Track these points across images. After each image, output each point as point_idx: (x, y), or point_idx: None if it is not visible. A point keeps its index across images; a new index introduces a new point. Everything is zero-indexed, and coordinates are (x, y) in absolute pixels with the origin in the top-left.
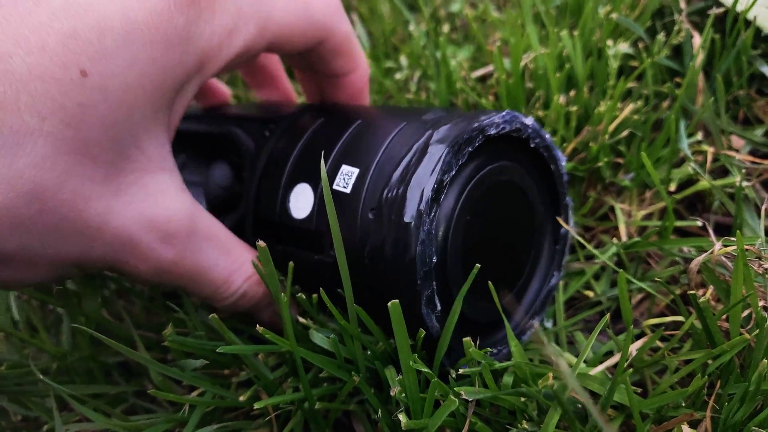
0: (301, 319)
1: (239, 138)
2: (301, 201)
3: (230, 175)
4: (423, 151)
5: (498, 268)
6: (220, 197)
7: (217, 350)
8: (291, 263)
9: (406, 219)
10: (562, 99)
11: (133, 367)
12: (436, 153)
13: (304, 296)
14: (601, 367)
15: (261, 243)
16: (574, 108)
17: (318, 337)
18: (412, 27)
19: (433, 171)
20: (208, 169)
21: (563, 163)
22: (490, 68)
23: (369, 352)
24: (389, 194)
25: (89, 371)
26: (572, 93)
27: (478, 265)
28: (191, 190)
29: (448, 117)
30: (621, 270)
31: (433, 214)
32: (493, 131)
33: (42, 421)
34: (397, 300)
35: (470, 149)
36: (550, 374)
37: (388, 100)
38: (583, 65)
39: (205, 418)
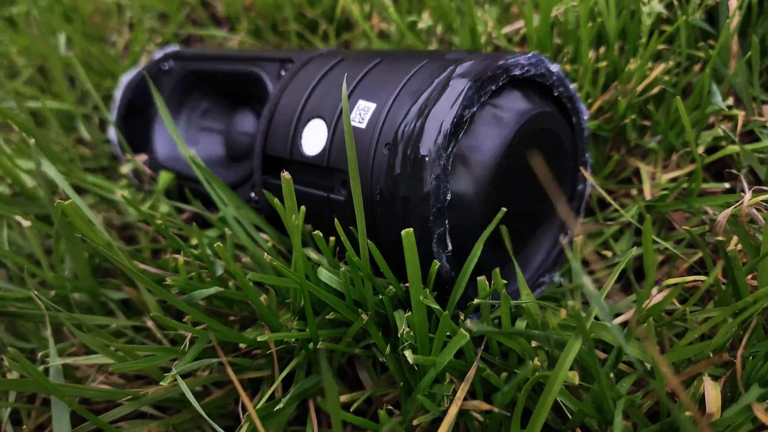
0: (313, 256)
1: (262, 79)
2: (314, 137)
3: (252, 122)
4: (444, 85)
5: (513, 217)
6: (241, 143)
7: (250, 276)
8: (303, 207)
9: (422, 152)
10: (591, 54)
11: (134, 304)
12: (458, 86)
13: (321, 235)
14: (616, 321)
15: (286, 174)
16: (603, 64)
17: (326, 275)
18: None
19: (453, 104)
20: (230, 116)
21: (585, 116)
22: (516, 25)
23: (380, 296)
24: (406, 128)
25: (89, 307)
26: (602, 50)
27: (503, 208)
28: (210, 137)
29: (472, 55)
30: (648, 215)
31: (450, 149)
32: (517, 72)
33: (36, 353)
34: (411, 229)
35: (493, 87)
36: (563, 311)
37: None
38: (616, 21)
39: (204, 354)
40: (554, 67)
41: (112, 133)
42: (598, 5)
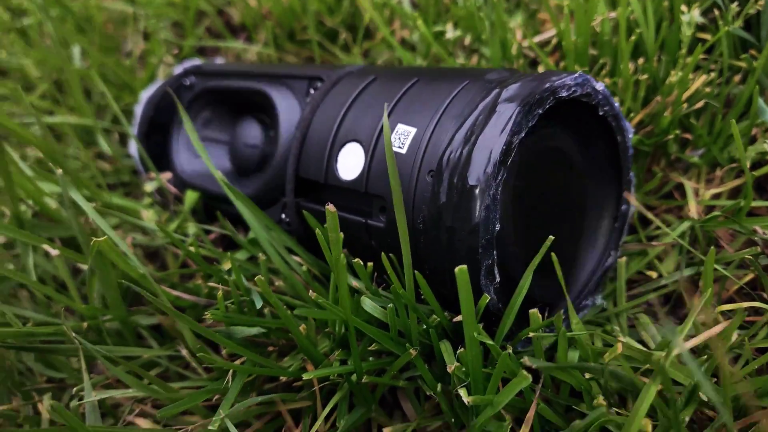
0: (354, 283)
1: (271, 96)
2: (350, 161)
3: (259, 134)
4: (491, 110)
5: (554, 241)
6: (247, 156)
7: (297, 312)
8: (341, 234)
9: (471, 182)
10: (630, 66)
11: (166, 330)
12: (506, 112)
13: (361, 263)
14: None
15: (330, 207)
16: (643, 77)
17: (370, 306)
18: None
19: (503, 131)
20: (234, 127)
21: (630, 135)
22: (547, 35)
23: (424, 326)
24: (451, 155)
25: (119, 333)
26: (640, 61)
27: (551, 237)
28: (214, 149)
29: (515, 76)
30: (712, 248)
31: (500, 178)
32: (564, 93)
33: (67, 383)
34: (464, 266)
35: (540, 111)
36: (619, 345)
37: (437, 65)
38: (655, 32)
39: (245, 388)
40: (600, 86)
41: (133, 148)
42: (635, 13)
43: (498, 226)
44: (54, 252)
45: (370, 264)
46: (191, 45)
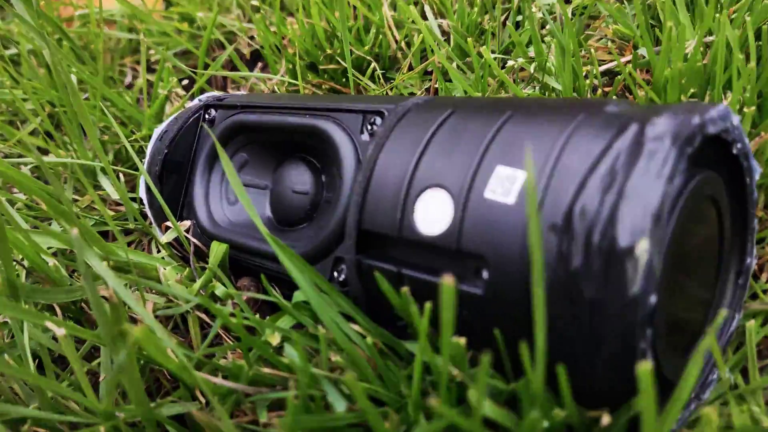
0: (454, 372)
1: (330, 134)
2: (432, 211)
3: (308, 179)
4: (635, 150)
5: (690, 305)
6: (294, 204)
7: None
8: (428, 304)
9: (623, 242)
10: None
11: (191, 421)
12: (659, 152)
13: (461, 343)
14: None
15: (449, 279)
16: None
17: (493, 410)
18: (534, 8)
19: (659, 176)
20: (277, 171)
21: (757, 176)
22: (608, 66)
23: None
24: (586, 207)
25: (137, 426)
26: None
27: (725, 310)
28: (251, 195)
29: (649, 109)
30: None
31: (659, 235)
32: (712, 129)
33: None
34: (648, 363)
35: (690, 150)
36: None
37: (498, 93)
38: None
39: None
40: (736, 120)
41: (143, 191)
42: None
43: (654, 299)
44: (60, 331)
45: (461, 341)
46: (209, 74)
